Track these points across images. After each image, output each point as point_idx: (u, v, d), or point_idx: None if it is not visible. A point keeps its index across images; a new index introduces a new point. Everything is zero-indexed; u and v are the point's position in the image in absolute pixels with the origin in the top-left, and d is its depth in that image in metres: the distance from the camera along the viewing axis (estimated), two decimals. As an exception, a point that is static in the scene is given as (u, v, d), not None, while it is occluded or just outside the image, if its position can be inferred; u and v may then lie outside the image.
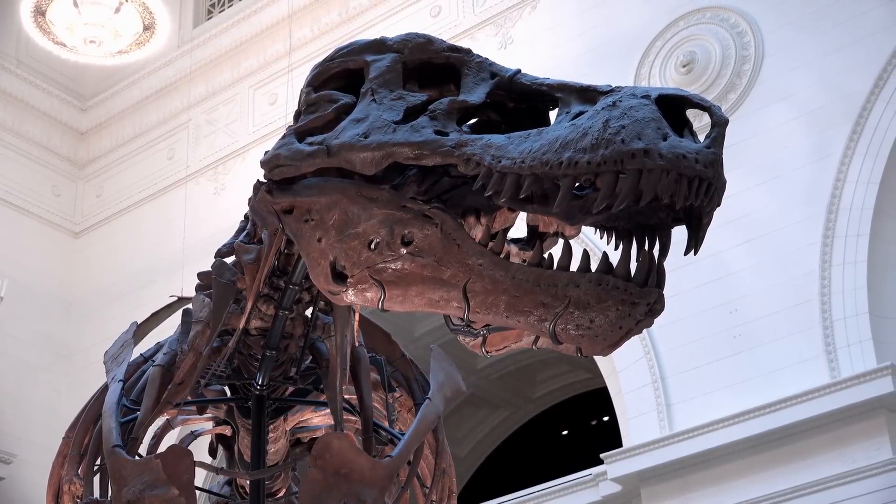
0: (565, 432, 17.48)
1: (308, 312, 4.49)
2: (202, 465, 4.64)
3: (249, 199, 3.78)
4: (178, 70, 16.84)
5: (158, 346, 4.92)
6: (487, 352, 3.63)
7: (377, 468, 4.15)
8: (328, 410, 4.62)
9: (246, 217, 4.41)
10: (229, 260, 4.41)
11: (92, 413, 5.06)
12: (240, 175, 15.56)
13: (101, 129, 17.59)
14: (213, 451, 5.33)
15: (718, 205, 2.99)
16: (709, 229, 3.04)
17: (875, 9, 11.49)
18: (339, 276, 3.36)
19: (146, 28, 15.70)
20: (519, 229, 3.42)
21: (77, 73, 17.38)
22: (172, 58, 16.86)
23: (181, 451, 4.27)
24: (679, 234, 3.05)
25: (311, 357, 4.64)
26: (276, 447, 4.84)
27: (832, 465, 10.40)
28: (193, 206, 15.65)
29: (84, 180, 17.58)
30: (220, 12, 17.25)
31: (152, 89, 17.15)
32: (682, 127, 2.97)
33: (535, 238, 3.34)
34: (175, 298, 5.48)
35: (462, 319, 3.26)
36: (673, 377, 11.55)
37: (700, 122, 3.31)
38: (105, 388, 4.91)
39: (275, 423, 4.74)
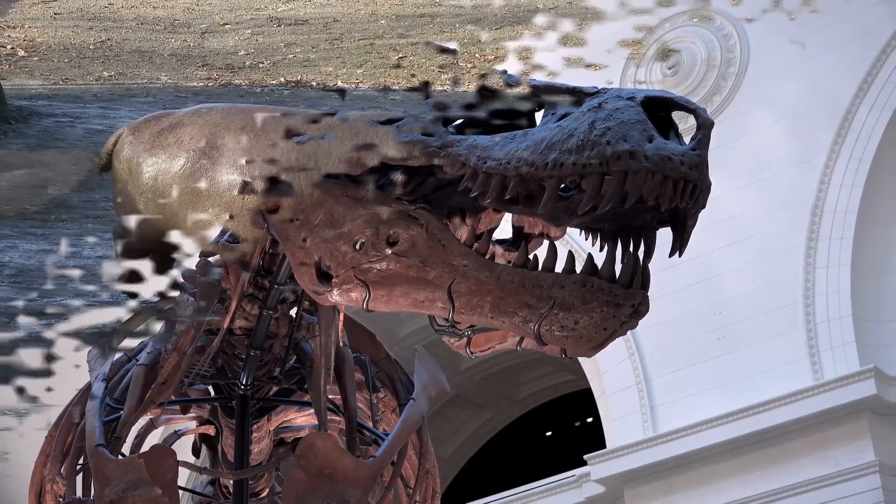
0: (549, 433, 17.48)
1: (293, 312, 4.48)
2: (185, 464, 4.63)
3: (235, 199, 3.77)
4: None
5: (142, 345, 4.90)
6: (472, 353, 3.63)
7: (361, 468, 4.14)
8: (312, 410, 4.61)
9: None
10: (214, 259, 4.40)
11: (75, 412, 5.04)
12: (225, 174, 15.50)
13: (86, 127, 17.52)
14: (196, 451, 5.31)
15: (703, 207, 2.99)
16: (693, 231, 3.05)
17: (859, 13, 11.52)
18: (324, 276, 3.36)
19: None
20: (504, 230, 3.41)
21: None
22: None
23: (164, 451, 4.26)
24: (664, 235, 3.05)
25: (295, 357, 4.63)
26: (260, 447, 4.83)
27: (815, 467, 10.43)
28: (178, 205, 15.58)
29: (68, 178, 17.52)
30: None
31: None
32: (668, 129, 2.98)
33: (521, 239, 3.34)
34: (159, 297, 5.45)
35: (447, 320, 3.26)
36: (657, 379, 11.56)
37: (685, 125, 3.31)
38: (88, 387, 4.90)
39: (259, 422, 4.73)
